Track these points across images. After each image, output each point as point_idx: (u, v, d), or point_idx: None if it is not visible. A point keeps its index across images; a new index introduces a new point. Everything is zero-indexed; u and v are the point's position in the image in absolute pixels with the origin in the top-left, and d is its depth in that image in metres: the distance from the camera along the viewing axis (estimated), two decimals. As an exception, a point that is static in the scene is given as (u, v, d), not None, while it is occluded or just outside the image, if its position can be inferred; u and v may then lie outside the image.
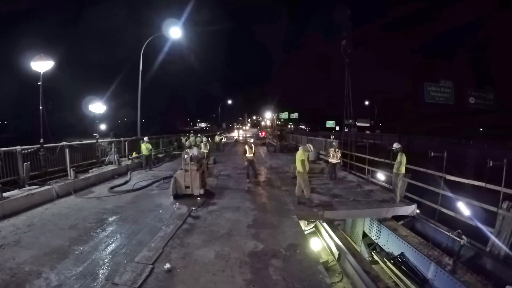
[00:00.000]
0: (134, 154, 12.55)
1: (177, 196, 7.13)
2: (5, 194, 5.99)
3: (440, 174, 6.85)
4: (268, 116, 42.25)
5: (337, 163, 10.44)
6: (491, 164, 5.35)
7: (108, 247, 4.48)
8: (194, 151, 8.40)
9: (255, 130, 37.65)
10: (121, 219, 5.78)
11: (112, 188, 8.09)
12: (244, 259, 4.14)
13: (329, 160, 10.56)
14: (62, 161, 8.54)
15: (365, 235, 7.65)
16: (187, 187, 7.10)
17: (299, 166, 6.94)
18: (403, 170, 7.13)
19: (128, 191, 7.93)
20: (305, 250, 4.50)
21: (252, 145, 10.26)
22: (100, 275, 3.69)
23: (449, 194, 6.50)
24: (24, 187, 6.85)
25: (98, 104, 10.44)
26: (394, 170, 7.22)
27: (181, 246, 4.56)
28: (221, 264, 3.98)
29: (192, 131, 22.93)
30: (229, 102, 62.03)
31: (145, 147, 11.71)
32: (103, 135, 16.20)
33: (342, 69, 9.94)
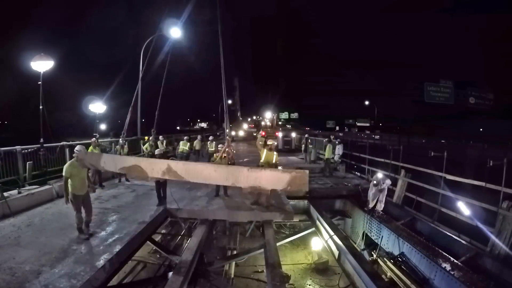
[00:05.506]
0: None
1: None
2: (5, 194, 5.98)
3: (440, 174, 6.86)
4: (268, 116, 42.26)
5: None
6: (491, 164, 5.36)
7: (109, 247, 4.48)
8: None
9: (254, 130, 37.58)
10: (120, 218, 5.78)
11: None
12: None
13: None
14: (62, 161, 8.51)
15: (365, 235, 7.64)
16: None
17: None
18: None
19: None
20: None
21: None
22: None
23: (449, 194, 6.50)
24: (24, 186, 6.85)
25: (98, 103, 10.45)
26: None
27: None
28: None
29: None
30: (229, 102, 62.02)
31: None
32: (103, 135, 16.17)
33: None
